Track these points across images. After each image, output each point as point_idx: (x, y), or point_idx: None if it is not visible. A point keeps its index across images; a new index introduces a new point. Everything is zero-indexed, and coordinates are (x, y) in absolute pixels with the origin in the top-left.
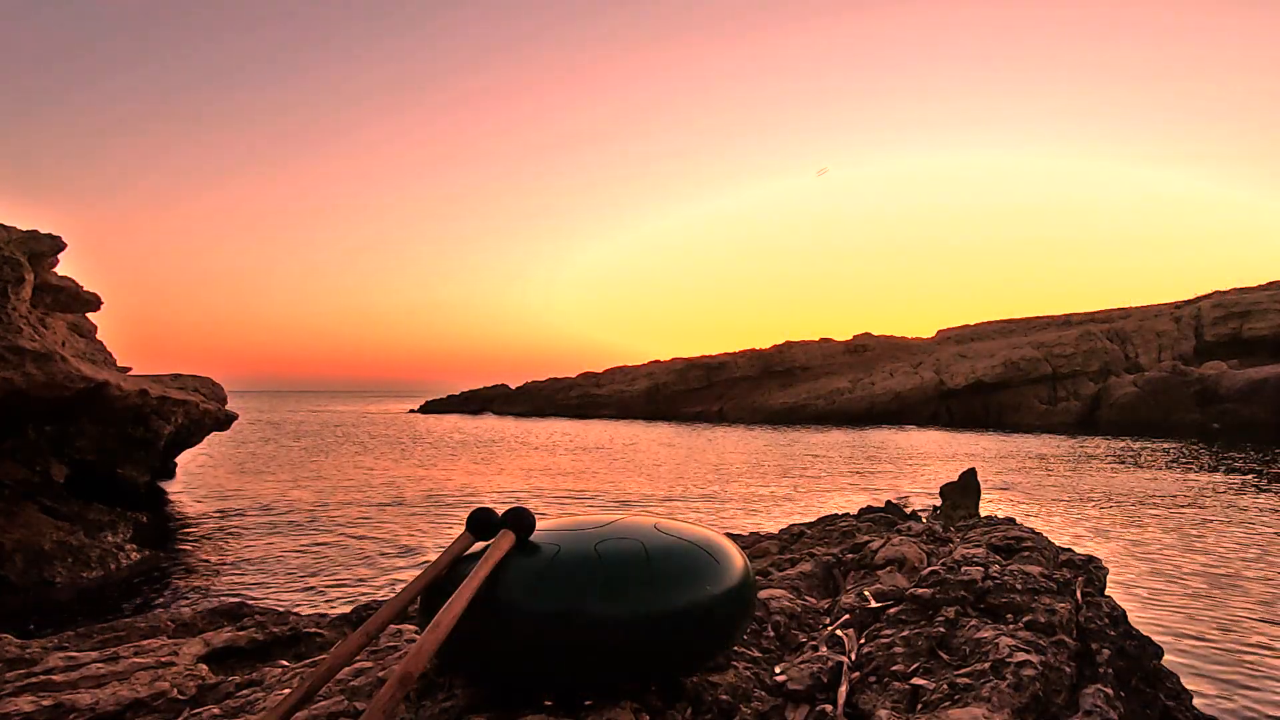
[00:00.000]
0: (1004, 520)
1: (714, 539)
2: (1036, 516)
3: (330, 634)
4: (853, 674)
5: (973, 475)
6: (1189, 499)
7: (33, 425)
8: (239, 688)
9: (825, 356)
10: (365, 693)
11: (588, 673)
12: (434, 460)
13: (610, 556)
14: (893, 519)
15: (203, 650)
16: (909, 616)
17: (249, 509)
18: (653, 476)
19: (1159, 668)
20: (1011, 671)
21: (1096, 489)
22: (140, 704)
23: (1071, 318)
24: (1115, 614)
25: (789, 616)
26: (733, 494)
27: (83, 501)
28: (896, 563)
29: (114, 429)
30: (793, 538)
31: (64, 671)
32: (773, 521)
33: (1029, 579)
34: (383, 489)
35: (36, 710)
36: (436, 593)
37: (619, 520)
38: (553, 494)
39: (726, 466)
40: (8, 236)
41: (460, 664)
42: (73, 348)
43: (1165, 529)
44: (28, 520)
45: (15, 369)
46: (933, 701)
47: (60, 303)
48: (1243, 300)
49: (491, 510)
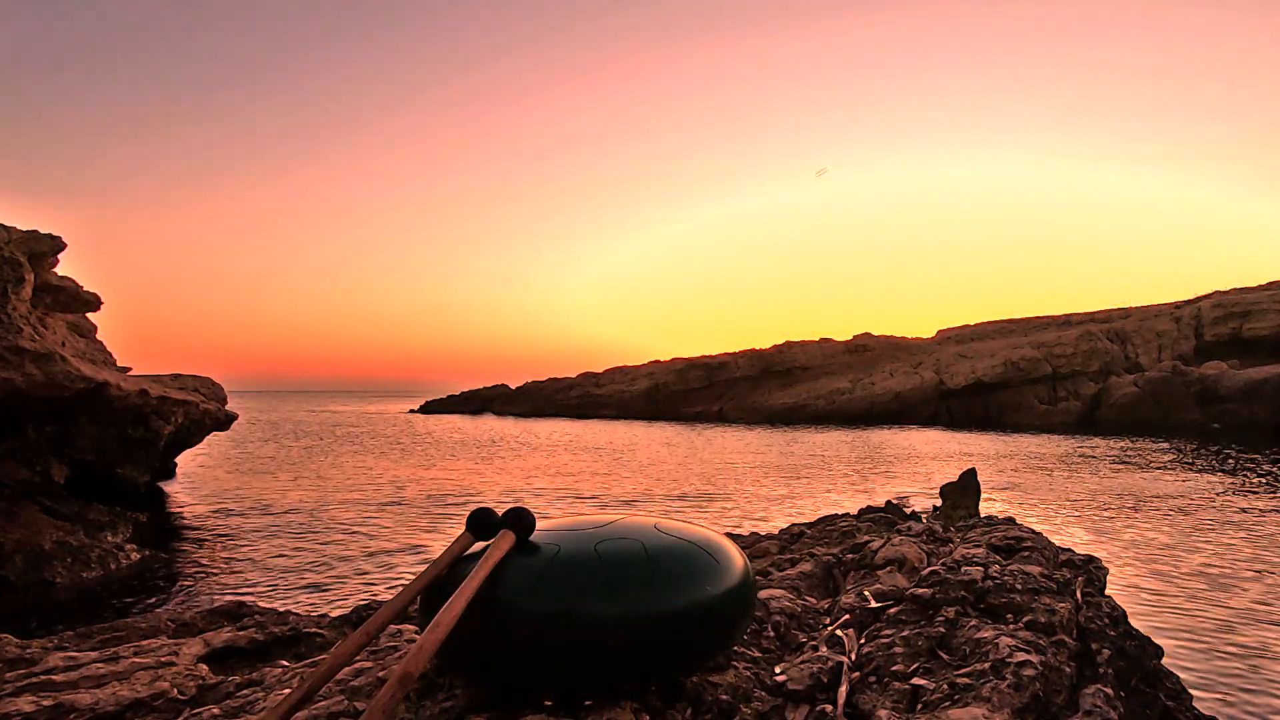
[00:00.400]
0: (1004, 520)
1: (714, 539)
2: (1036, 516)
3: (330, 634)
4: (853, 674)
5: (973, 475)
6: (1189, 499)
7: (33, 425)
8: (239, 688)
9: (825, 356)
10: (365, 693)
11: (588, 673)
12: (434, 460)
13: (610, 556)
14: (893, 519)
15: (203, 650)
16: (909, 616)
17: (249, 509)
18: (653, 476)
19: (1159, 668)
20: (1011, 671)
21: (1096, 489)
22: (140, 704)
23: (1071, 318)
24: (1115, 614)
25: (789, 616)
26: (733, 494)
27: (83, 501)
28: (896, 563)
29: (114, 429)
30: (793, 538)
31: (64, 671)
32: (773, 521)
33: (1029, 579)
34: (383, 489)
35: (36, 710)
36: (436, 593)
37: (619, 520)
38: (553, 494)
39: (726, 466)
40: (8, 236)
41: (460, 664)
42: (73, 348)
43: (1165, 529)
44: (28, 520)
45: (15, 369)
46: (933, 701)
47: (60, 303)
48: (1243, 300)
49: (491, 510)
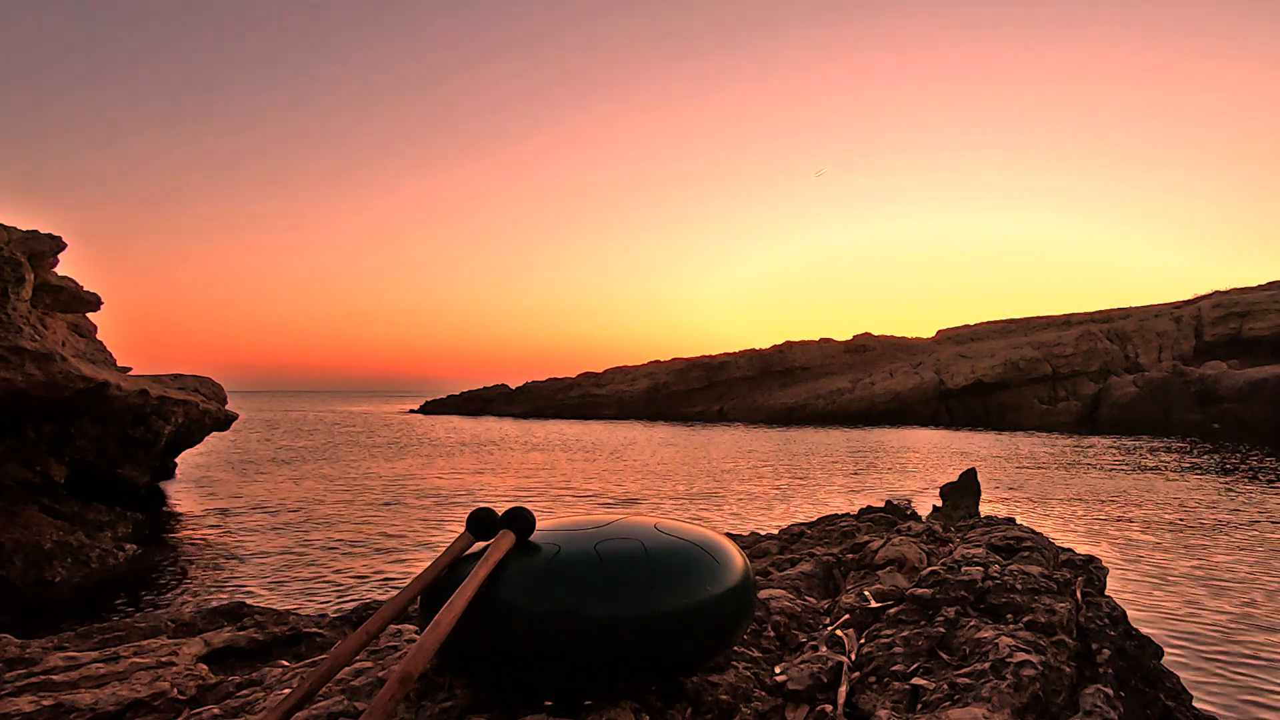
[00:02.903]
0: (1004, 520)
1: (714, 539)
2: (1036, 516)
3: (330, 634)
4: (853, 674)
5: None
6: (1189, 499)
7: (33, 425)
8: (239, 688)
9: (825, 356)
10: (365, 693)
11: (588, 673)
12: (434, 460)
13: (610, 557)
14: (893, 519)
15: (203, 650)
16: (909, 616)
17: (249, 509)
18: (653, 476)
19: (1159, 668)
20: (1011, 671)
21: (1096, 489)
22: (140, 704)
23: (1071, 318)
24: (1115, 614)
25: (789, 616)
26: (733, 494)
27: (82, 501)
28: (896, 563)
29: (114, 429)
30: (793, 538)
31: (64, 671)
32: (773, 521)
33: (1029, 579)
34: (383, 489)
35: (36, 710)
36: (436, 593)
37: (619, 520)
38: (553, 494)
39: (726, 466)
40: (8, 236)
41: (460, 664)
42: (73, 348)
43: (1165, 529)
44: (28, 520)
45: (15, 369)
46: (933, 701)
47: (60, 303)
48: (1243, 300)
49: (491, 510)
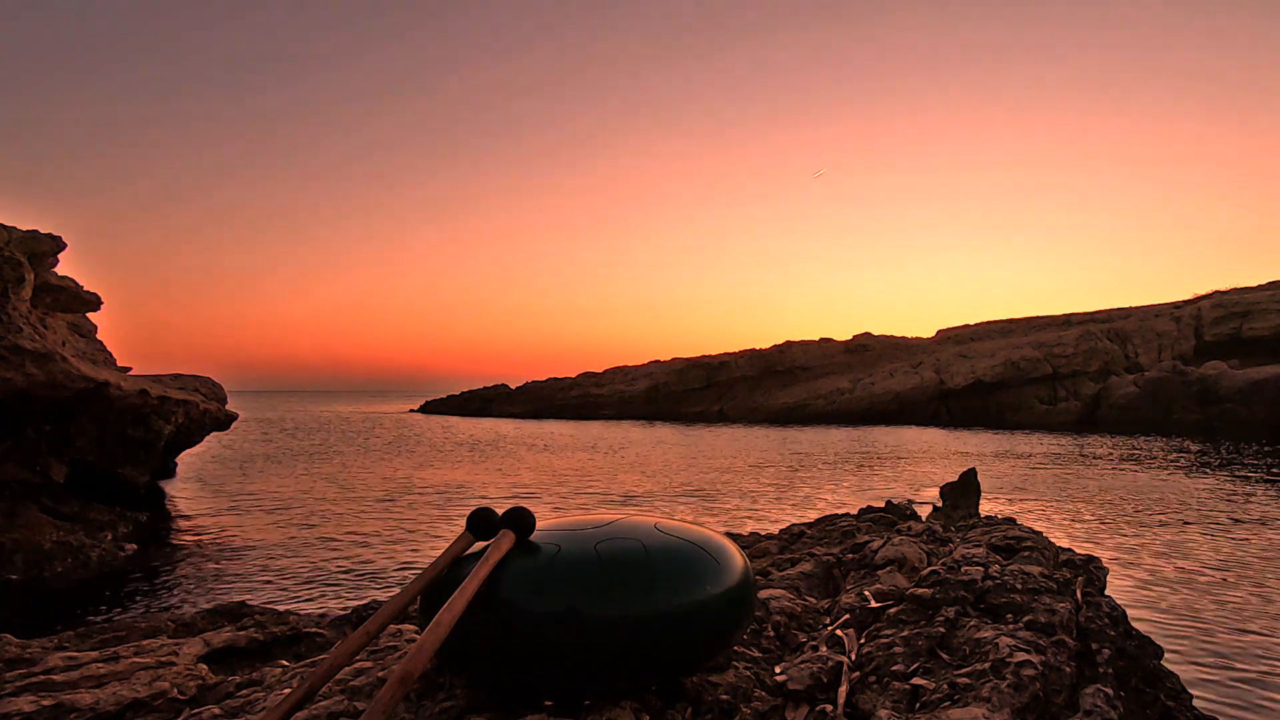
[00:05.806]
0: (1004, 520)
1: (714, 539)
2: (1036, 516)
3: (330, 634)
4: (853, 674)
5: (973, 475)
6: (1189, 499)
7: (33, 425)
8: (239, 688)
9: (825, 356)
10: (365, 693)
11: (588, 673)
12: (434, 460)
13: (610, 556)
14: (893, 519)
15: (203, 650)
16: (909, 616)
17: (249, 509)
18: (653, 476)
19: (1159, 668)
20: (1011, 671)
21: (1096, 489)
22: (140, 704)
23: (1071, 318)
24: (1115, 614)
25: (789, 616)
26: (733, 494)
27: (83, 501)
28: (896, 563)
29: (114, 429)
30: (793, 538)
31: (64, 671)
32: (773, 521)
33: (1029, 579)
34: (382, 489)
35: (36, 710)
36: (436, 592)
37: (619, 520)
38: (553, 494)
39: (726, 466)
40: (8, 236)
41: (460, 664)
42: (73, 348)
43: (1165, 529)
44: (28, 520)
45: (15, 369)
46: (933, 701)
47: (60, 303)
48: (1243, 300)
49: (491, 510)
